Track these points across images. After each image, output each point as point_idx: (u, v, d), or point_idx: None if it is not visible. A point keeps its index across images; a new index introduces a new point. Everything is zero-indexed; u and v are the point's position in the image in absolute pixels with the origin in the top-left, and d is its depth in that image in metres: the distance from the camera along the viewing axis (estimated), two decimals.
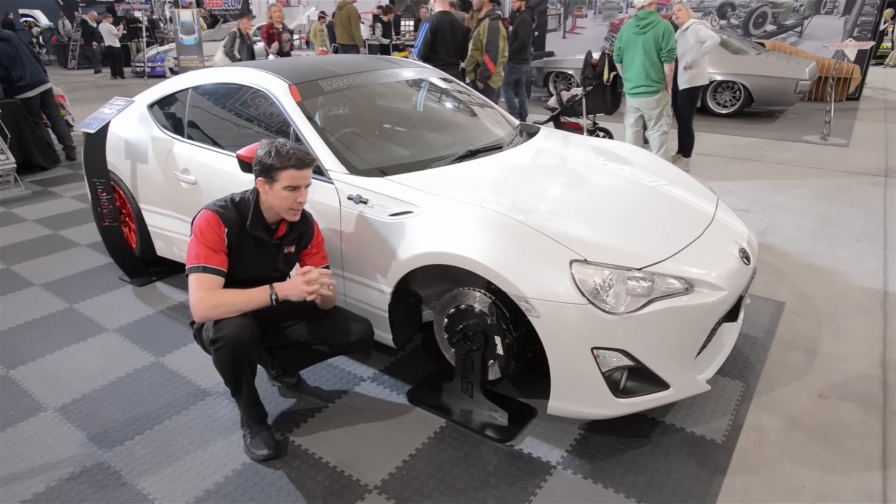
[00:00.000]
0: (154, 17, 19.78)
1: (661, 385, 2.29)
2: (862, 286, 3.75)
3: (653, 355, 2.25)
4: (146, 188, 3.73)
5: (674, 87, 5.86)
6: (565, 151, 3.31)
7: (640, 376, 2.28)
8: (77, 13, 17.79)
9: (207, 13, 19.78)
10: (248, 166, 2.40)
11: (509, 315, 2.35)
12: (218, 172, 3.22)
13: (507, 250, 2.30)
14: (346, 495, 2.19)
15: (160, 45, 16.20)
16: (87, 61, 17.26)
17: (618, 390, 2.27)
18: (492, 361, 2.47)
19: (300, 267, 2.57)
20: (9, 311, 3.57)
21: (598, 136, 6.22)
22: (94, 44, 15.73)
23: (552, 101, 6.60)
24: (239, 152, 2.67)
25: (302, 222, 2.47)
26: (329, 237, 2.71)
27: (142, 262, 3.96)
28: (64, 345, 3.19)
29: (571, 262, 2.23)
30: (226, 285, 2.28)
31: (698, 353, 2.41)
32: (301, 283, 2.26)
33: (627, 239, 2.43)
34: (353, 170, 2.77)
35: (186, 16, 12.73)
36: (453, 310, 2.51)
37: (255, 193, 2.36)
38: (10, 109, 6.20)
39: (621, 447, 2.41)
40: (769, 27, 11.40)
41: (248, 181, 2.40)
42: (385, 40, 14.44)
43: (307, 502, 2.16)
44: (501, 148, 3.21)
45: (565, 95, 6.45)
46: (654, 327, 2.22)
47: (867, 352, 3.05)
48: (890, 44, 16.18)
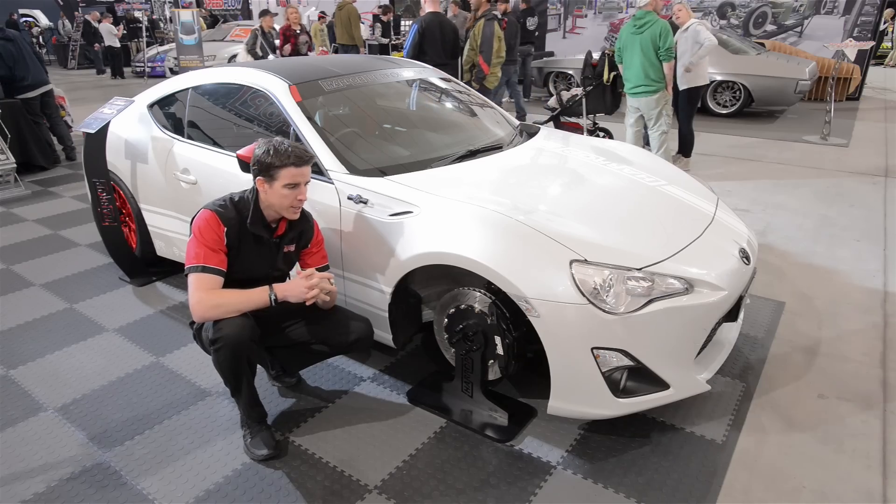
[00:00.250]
0: (154, 17, 19.79)
1: (661, 385, 2.29)
2: (862, 286, 3.75)
3: (653, 355, 2.25)
4: (146, 188, 3.73)
5: (674, 87, 5.86)
6: (565, 151, 3.31)
7: (640, 376, 2.28)
8: (77, 13, 17.77)
9: (207, 13, 19.78)
10: (248, 166, 2.40)
11: (509, 315, 2.35)
12: (218, 172, 3.22)
13: (507, 250, 2.30)
14: (346, 495, 2.19)
15: (160, 45, 16.21)
16: (87, 61, 17.26)
17: (618, 390, 2.27)
18: (492, 361, 2.47)
19: (300, 266, 2.58)
20: (9, 311, 3.57)
21: (598, 136, 6.22)
22: (97, 45, 15.71)
23: (552, 101, 6.60)
24: (239, 152, 2.67)
25: (301, 220, 2.47)
26: (329, 237, 2.71)
27: (142, 262, 3.96)
28: (64, 345, 3.19)
29: (571, 262, 2.23)
30: (226, 285, 2.28)
31: (698, 353, 2.41)
32: (302, 286, 2.26)
33: (627, 239, 2.43)
34: (353, 170, 2.77)
35: (186, 16, 12.71)
36: (453, 310, 2.51)
37: (255, 192, 2.35)
38: (11, 109, 6.19)
39: (621, 447, 2.41)
40: (769, 27, 11.40)
41: (249, 181, 2.40)
42: (385, 40, 14.42)
43: (307, 502, 2.16)
44: (501, 148, 3.21)
45: (565, 95, 6.45)
46: (654, 327, 2.22)
47: (867, 352, 3.05)
48: (890, 44, 16.18)
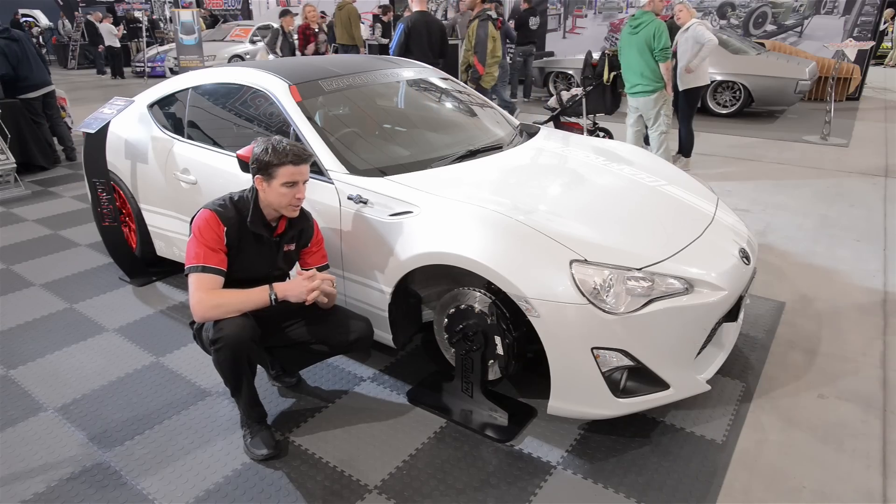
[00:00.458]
0: (154, 17, 19.78)
1: (661, 385, 2.29)
2: (862, 286, 3.74)
3: (653, 355, 2.25)
4: (146, 188, 3.73)
5: (674, 87, 5.86)
6: (565, 151, 3.31)
7: (640, 376, 2.28)
8: (77, 13, 17.77)
9: (207, 13, 19.76)
10: (248, 166, 2.40)
11: (509, 315, 2.35)
12: (218, 172, 3.22)
13: (507, 250, 2.30)
14: (346, 495, 2.19)
15: (160, 45, 16.20)
16: (88, 61, 17.25)
17: (618, 390, 2.27)
18: (492, 361, 2.47)
19: (300, 266, 2.58)
20: (9, 311, 3.57)
21: (598, 136, 6.22)
22: (101, 46, 15.70)
23: (552, 101, 6.59)
24: (239, 152, 2.67)
25: (301, 219, 2.47)
26: (329, 237, 2.71)
27: (142, 262, 3.96)
28: (64, 345, 3.19)
29: (571, 262, 2.23)
30: (226, 285, 2.28)
31: (698, 353, 2.41)
32: (303, 286, 2.26)
33: (627, 239, 2.43)
34: (353, 170, 2.77)
35: (186, 16, 12.71)
36: (453, 310, 2.51)
37: (254, 192, 2.35)
38: (11, 109, 6.19)
39: (621, 447, 2.41)
40: (769, 27, 11.40)
41: (249, 181, 2.40)
42: (384, 40, 14.40)
43: (307, 502, 2.16)
44: (501, 148, 3.21)
45: (565, 95, 6.44)
46: (654, 327, 2.22)
47: (867, 352, 3.05)
48: (890, 44, 16.18)
